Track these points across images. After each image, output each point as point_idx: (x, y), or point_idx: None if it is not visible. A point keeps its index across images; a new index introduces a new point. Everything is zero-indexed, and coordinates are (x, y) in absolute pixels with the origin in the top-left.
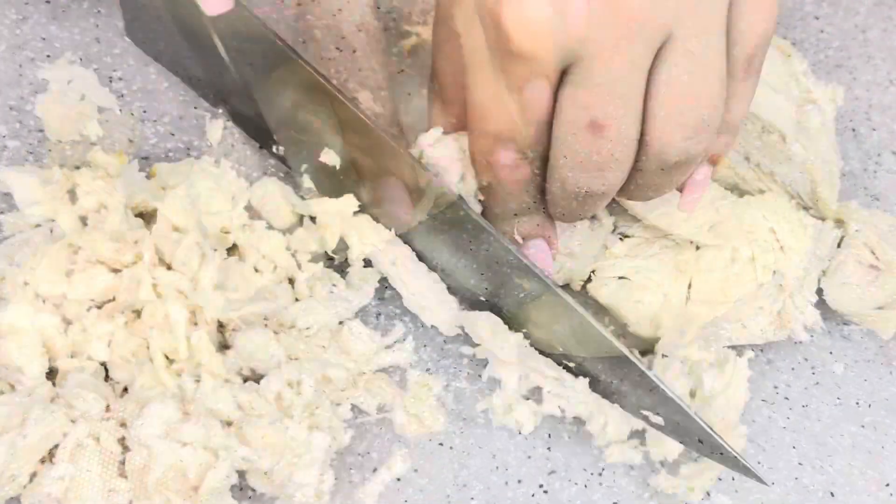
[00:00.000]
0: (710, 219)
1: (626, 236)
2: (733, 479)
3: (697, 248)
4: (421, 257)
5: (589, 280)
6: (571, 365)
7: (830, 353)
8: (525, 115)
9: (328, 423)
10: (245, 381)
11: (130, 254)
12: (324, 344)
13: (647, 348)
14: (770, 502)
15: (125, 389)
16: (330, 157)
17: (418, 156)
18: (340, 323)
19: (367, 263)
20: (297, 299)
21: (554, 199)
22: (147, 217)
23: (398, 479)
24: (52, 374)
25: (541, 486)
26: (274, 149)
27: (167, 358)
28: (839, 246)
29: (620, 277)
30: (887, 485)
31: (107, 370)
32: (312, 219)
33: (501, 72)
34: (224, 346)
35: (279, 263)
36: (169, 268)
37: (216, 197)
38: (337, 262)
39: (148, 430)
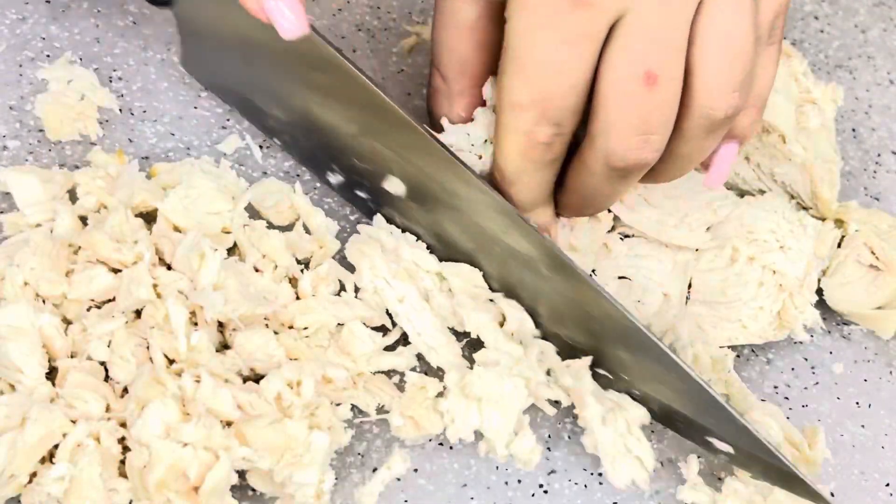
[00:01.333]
0: (707, 220)
1: (627, 236)
2: None
3: (697, 248)
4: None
5: None
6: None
7: (830, 353)
8: (571, 77)
9: (328, 423)
10: (245, 381)
11: (130, 254)
12: (324, 344)
13: None
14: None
15: (125, 389)
16: (394, 186)
17: None
18: (340, 324)
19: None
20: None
21: (585, 181)
22: (147, 217)
23: (398, 479)
24: (52, 374)
25: (541, 485)
26: (329, 177)
27: (167, 358)
28: (839, 246)
29: (620, 277)
30: (887, 485)
31: (107, 370)
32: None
33: (558, 28)
34: (224, 346)
35: (279, 263)
36: (169, 268)
37: (216, 197)
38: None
39: (148, 430)
